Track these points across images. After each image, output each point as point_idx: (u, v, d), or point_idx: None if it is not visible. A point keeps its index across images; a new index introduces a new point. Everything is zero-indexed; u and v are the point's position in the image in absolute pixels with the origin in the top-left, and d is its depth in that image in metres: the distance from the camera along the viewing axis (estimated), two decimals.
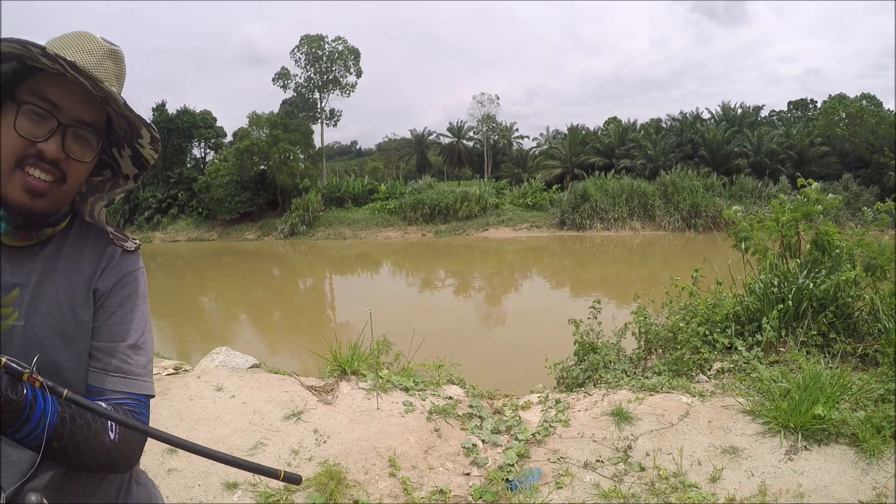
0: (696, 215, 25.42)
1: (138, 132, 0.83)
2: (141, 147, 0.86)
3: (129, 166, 0.91)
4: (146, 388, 0.85)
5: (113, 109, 0.82)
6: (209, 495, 2.48)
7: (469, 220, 28.25)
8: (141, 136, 0.83)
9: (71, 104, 0.76)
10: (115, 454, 0.77)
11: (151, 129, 0.80)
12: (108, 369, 0.82)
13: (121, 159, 0.90)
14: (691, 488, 2.42)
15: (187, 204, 32.34)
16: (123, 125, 0.84)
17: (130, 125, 0.83)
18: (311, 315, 12.46)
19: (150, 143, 0.84)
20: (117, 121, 0.84)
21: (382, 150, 59.07)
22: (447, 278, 17.70)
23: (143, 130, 0.81)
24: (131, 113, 0.78)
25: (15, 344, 0.73)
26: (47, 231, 0.81)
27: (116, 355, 0.83)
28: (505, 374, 5.63)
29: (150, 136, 0.82)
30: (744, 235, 4.67)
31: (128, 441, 0.79)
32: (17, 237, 0.77)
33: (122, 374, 0.82)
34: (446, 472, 2.75)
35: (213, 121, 35.18)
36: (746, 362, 3.57)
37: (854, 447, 2.53)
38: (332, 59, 34.19)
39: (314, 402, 3.42)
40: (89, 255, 0.85)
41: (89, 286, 0.83)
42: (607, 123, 38.52)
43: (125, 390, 0.82)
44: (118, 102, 0.77)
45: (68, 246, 0.84)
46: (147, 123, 0.79)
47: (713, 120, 34.07)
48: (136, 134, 0.83)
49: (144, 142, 0.84)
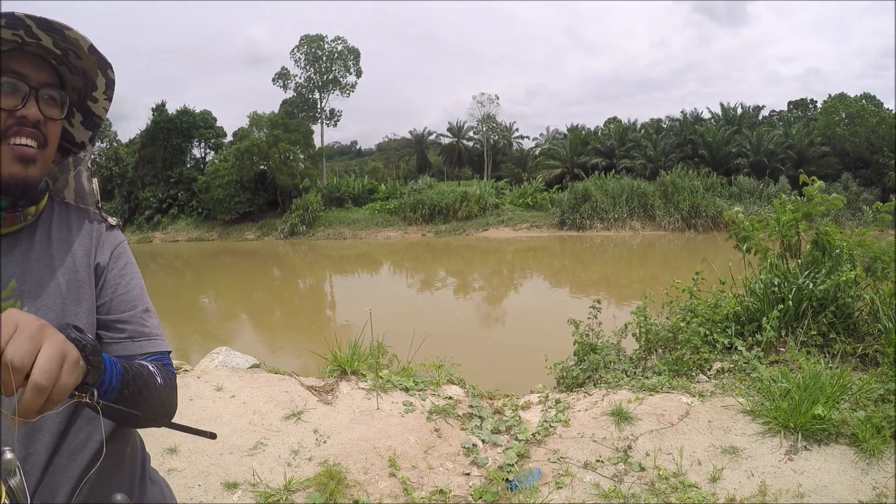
0: (696, 215, 25.44)
1: (94, 82, 0.84)
2: (94, 102, 0.88)
3: (81, 132, 0.93)
4: (165, 345, 0.92)
5: (68, 68, 0.83)
6: (209, 495, 2.48)
7: (469, 220, 28.25)
8: (97, 88, 0.85)
9: (33, 71, 0.78)
10: (165, 398, 0.83)
11: (110, 70, 0.82)
12: (134, 336, 0.87)
13: (73, 129, 0.92)
14: (691, 488, 2.42)
15: (187, 204, 32.34)
16: (79, 83, 0.85)
17: (86, 78, 0.84)
18: (311, 315, 12.46)
19: (104, 93, 0.86)
20: (73, 81, 0.85)
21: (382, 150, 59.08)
22: (447, 278, 17.71)
23: (99, 77, 0.83)
24: (96, 56, 0.80)
25: None
26: (31, 210, 0.81)
27: (135, 322, 0.88)
28: (505, 374, 5.63)
29: (105, 81, 0.84)
30: (744, 235, 4.67)
31: (170, 386, 0.85)
32: (4, 222, 0.78)
33: (146, 338, 0.88)
34: (446, 472, 2.75)
35: (213, 121, 35.18)
36: (746, 362, 3.57)
37: (854, 447, 2.53)
38: (331, 59, 34.19)
39: (314, 402, 3.42)
40: (78, 233, 0.87)
41: (89, 263, 0.85)
42: (607, 123, 38.53)
43: (152, 350, 0.88)
44: (83, 47, 0.78)
45: (56, 229, 0.85)
46: (109, 64, 0.81)
47: (713, 120, 34.08)
48: (92, 86, 0.85)
49: (98, 93, 0.86)
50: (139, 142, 34.26)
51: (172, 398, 0.86)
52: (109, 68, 0.82)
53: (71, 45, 0.78)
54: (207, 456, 2.79)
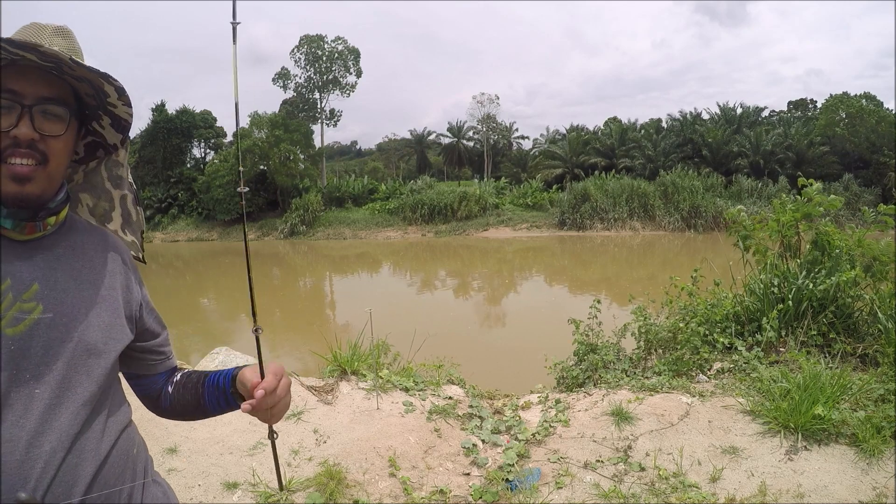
0: (696, 215, 25.44)
1: (104, 91, 0.83)
2: (114, 107, 0.87)
3: (112, 134, 0.93)
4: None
5: (71, 77, 0.81)
6: (209, 495, 2.48)
7: (469, 220, 28.25)
8: (108, 95, 0.84)
9: (30, 87, 0.77)
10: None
11: (111, 79, 0.80)
12: (169, 355, 1.02)
13: (103, 130, 0.92)
14: (691, 488, 2.42)
15: (187, 204, 32.33)
16: (89, 90, 0.84)
17: (93, 84, 0.82)
18: (311, 315, 12.46)
19: (119, 99, 0.85)
20: (82, 88, 0.84)
21: (382, 151, 59.05)
22: (447, 278, 17.70)
23: (105, 86, 0.81)
24: (84, 70, 0.78)
25: (42, 335, 0.74)
26: (51, 220, 0.81)
27: (168, 342, 1.02)
28: (505, 374, 5.63)
29: (114, 89, 0.82)
30: (745, 234, 4.67)
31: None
32: (24, 230, 0.78)
33: (173, 353, 1.04)
34: (446, 472, 2.75)
35: (213, 121, 35.17)
36: (746, 362, 3.57)
37: (854, 447, 2.53)
38: (331, 59, 34.17)
39: (314, 402, 3.42)
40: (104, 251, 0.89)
41: (113, 284, 0.88)
42: (607, 123, 38.50)
43: (176, 364, 1.05)
44: (65, 61, 0.75)
45: (80, 243, 0.86)
46: (106, 74, 0.79)
47: (713, 120, 34.08)
48: (104, 94, 0.84)
49: (113, 99, 0.85)
50: (139, 142, 34.23)
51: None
52: (110, 78, 0.80)
53: (56, 61, 0.76)
54: (207, 456, 2.79)
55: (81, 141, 0.93)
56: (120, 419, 0.86)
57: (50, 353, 0.74)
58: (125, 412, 0.89)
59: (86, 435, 0.77)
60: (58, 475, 0.72)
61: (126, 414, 0.90)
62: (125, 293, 0.89)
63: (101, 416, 0.81)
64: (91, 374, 0.79)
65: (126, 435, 0.87)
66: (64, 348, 0.75)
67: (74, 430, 0.75)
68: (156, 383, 0.99)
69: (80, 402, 0.76)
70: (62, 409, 0.74)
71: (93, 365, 0.79)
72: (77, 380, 0.76)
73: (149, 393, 1.00)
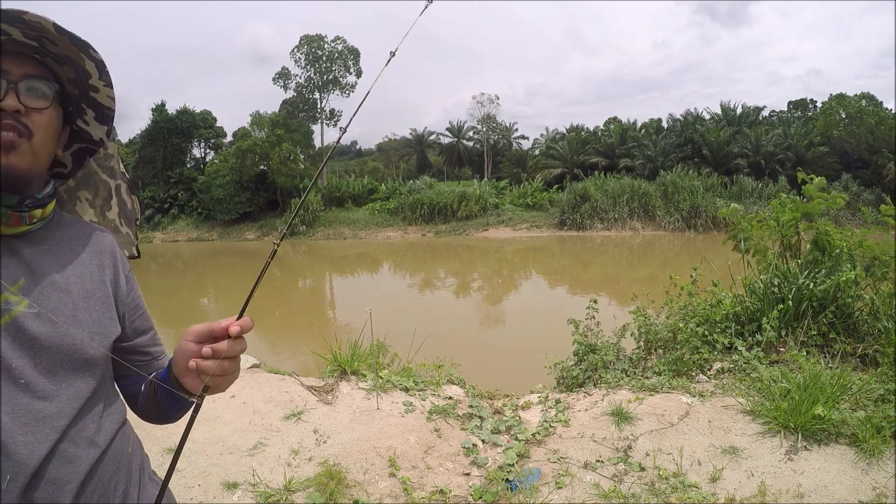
0: (696, 215, 25.43)
1: (85, 70, 0.83)
2: (96, 92, 0.86)
3: (97, 128, 0.93)
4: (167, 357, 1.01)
5: (53, 61, 0.81)
6: (209, 495, 2.48)
7: (469, 220, 28.24)
8: (90, 75, 0.83)
9: (15, 66, 0.77)
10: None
11: (91, 50, 0.80)
12: (157, 356, 0.99)
13: (88, 127, 0.92)
14: (691, 488, 2.42)
15: (187, 204, 32.33)
16: (71, 74, 0.84)
17: (75, 66, 0.82)
18: (311, 315, 12.46)
19: (101, 79, 0.84)
20: (64, 73, 0.84)
21: (382, 151, 59.00)
22: (447, 278, 17.70)
23: (87, 62, 0.81)
24: (66, 39, 0.77)
25: (29, 329, 0.73)
26: (37, 213, 0.81)
27: (155, 343, 0.99)
28: (505, 374, 5.63)
29: (95, 66, 0.82)
30: (744, 235, 4.67)
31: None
32: (10, 220, 0.77)
33: (164, 356, 1.00)
34: (446, 472, 2.75)
35: (213, 121, 35.17)
36: (746, 362, 3.57)
37: (854, 447, 2.53)
38: (331, 58, 34.15)
39: (314, 402, 3.42)
40: (91, 247, 0.88)
41: (103, 279, 0.87)
42: (607, 123, 38.48)
43: (165, 364, 0.98)
44: (49, 29, 0.76)
45: (66, 239, 0.85)
46: (85, 43, 0.79)
47: (713, 120, 34.07)
48: (86, 74, 0.83)
49: (94, 80, 0.84)
50: (139, 142, 34.25)
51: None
52: (90, 48, 0.80)
53: (39, 32, 0.76)
54: (207, 456, 2.79)
55: (68, 151, 0.94)
56: (114, 417, 0.85)
57: (35, 348, 0.73)
58: (119, 410, 0.88)
59: (79, 426, 0.76)
60: (51, 462, 0.71)
61: (121, 412, 0.89)
62: (113, 289, 0.88)
63: (94, 412, 0.80)
64: (78, 370, 0.78)
65: (121, 433, 0.86)
66: (50, 343, 0.75)
67: (65, 421, 0.74)
68: (137, 385, 0.95)
69: (68, 398, 0.75)
70: (51, 405, 0.73)
71: (80, 361, 0.78)
72: (63, 375, 0.76)
73: (129, 393, 0.96)
